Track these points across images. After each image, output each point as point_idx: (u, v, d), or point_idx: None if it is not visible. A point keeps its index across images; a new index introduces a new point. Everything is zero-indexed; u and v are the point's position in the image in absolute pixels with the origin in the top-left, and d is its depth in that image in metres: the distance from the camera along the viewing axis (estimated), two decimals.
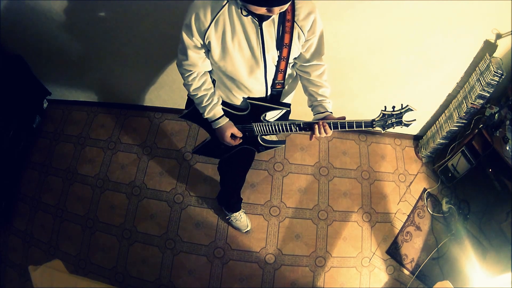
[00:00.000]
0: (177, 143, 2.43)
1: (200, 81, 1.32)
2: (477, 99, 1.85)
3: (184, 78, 1.33)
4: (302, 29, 1.16)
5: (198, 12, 1.11)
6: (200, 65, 1.27)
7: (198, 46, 1.20)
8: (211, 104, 1.36)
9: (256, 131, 1.44)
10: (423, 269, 2.10)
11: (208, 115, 1.39)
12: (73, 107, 2.64)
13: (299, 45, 1.21)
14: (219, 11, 1.11)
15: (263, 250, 2.11)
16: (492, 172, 1.97)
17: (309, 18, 1.15)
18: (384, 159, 2.43)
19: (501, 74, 1.71)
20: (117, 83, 2.38)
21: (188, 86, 1.34)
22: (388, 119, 1.19)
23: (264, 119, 1.40)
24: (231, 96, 1.40)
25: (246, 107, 1.40)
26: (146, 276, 2.06)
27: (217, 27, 1.13)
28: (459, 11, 1.56)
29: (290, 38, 1.17)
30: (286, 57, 1.22)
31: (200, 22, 1.12)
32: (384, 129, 1.22)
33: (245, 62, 1.22)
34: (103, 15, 1.78)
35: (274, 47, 1.19)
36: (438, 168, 2.30)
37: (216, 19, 1.12)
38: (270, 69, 1.26)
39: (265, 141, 1.52)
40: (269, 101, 1.38)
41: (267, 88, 1.33)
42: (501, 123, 1.87)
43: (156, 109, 2.54)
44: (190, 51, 1.21)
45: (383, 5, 1.55)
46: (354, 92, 2.12)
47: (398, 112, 1.17)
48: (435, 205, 2.30)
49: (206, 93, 1.35)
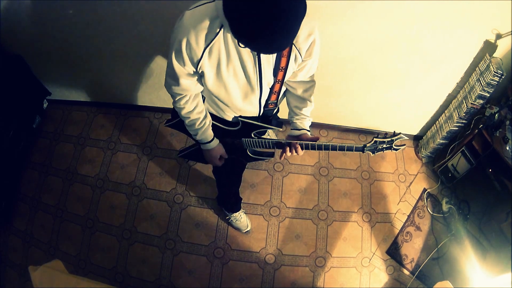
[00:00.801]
0: (177, 143, 2.43)
1: (192, 104, 1.24)
2: (477, 99, 1.85)
3: (175, 100, 1.23)
4: (299, 51, 1.10)
5: (189, 38, 0.99)
6: (193, 89, 1.19)
7: (191, 73, 1.11)
8: (203, 128, 1.31)
9: (246, 145, 1.41)
10: (423, 269, 2.10)
11: (199, 138, 1.34)
12: (73, 107, 2.64)
13: (294, 67, 1.16)
14: (213, 38, 1.00)
15: (263, 250, 2.11)
16: (492, 172, 1.97)
17: (308, 39, 1.07)
18: (384, 159, 2.43)
19: (501, 74, 1.71)
20: (117, 83, 2.38)
21: (180, 110, 1.25)
22: (379, 145, 1.19)
23: (254, 135, 1.37)
24: (222, 114, 1.36)
25: (237, 123, 1.37)
26: (146, 276, 2.06)
27: (211, 55, 1.04)
28: (459, 11, 1.56)
29: (287, 62, 1.11)
30: (281, 80, 1.17)
31: (192, 50, 1.02)
32: (374, 153, 1.22)
33: (239, 88, 1.17)
34: (103, 15, 1.78)
35: (271, 74, 1.13)
36: (438, 168, 2.30)
37: (210, 47, 1.01)
38: (264, 93, 1.22)
39: (254, 153, 1.49)
40: (261, 119, 1.36)
41: (260, 108, 1.30)
42: (501, 123, 1.87)
43: (156, 109, 2.54)
44: (182, 79, 1.12)
45: (383, 5, 1.55)
46: (354, 92, 2.12)
47: (389, 139, 1.17)
48: (435, 205, 2.30)
49: (199, 117, 1.28)
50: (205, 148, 1.40)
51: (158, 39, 1.88)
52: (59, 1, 1.74)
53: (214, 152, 1.42)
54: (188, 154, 1.65)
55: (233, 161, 1.55)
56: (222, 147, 1.43)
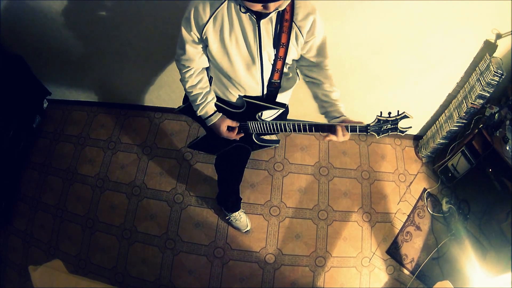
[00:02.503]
0: (177, 143, 2.43)
1: (196, 79, 1.34)
2: (477, 99, 1.85)
3: (181, 73, 1.34)
4: (300, 30, 1.16)
5: (198, 6, 1.13)
6: (197, 60, 1.28)
7: (196, 40, 1.21)
8: (204, 102, 1.37)
9: (251, 129, 1.43)
10: (423, 269, 2.10)
11: (200, 113, 1.39)
12: (73, 107, 2.64)
13: (297, 47, 1.21)
14: (218, 7, 1.12)
15: (263, 250, 2.11)
16: (492, 172, 1.97)
17: (308, 19, 1.14)
18: (384, 159, 2.43)
19: (501, 74, 1.71)
20: (117, 83, 2.38)
21: (184, 83, 1.36)
22: (383, 125, 1.17)
23: (259, 118, 1.40)
24: (227, 93, 1.39)
25: (242, 105, 1.40)
26: (146, 276, 2.06)
27: (215, 22, 1.14)
28: (459, 11, 1.56)
29: (288, 38, 1.17)
30: (283, 56, 1.22)
31: (199, 16, 1.14)
32: (379, 134, 1.20)
33: (241, 58, 1.22)
34: (103, 15, 1.78)
35: (271, 45, 1.19)
36: (438, 168, 2.30)
37: (215, 15, 1.13)
38: (266, 68, 1.25)
39: (260, 140, 1.52)
40: (265, 100, 1.37)
41: (263, 87, 1.32)
42: (501, 123, 1.87)
43: (156, 109, 2.54)
44: (188, 45, 1.22)
45: (383, 5, 1.55)
46: (354, 92, 2.11)
47: (393, 118, 1.15)
48: (435, 205, 2.30)
49: (201, 92, 1.36)
50: (208, 123, 1.42)
51: (158, 39, 1.88)
52: (59, 1, 1.74)
53: (218, 124, 1.42)
54: (196, 143, 1.69)
55: (236, 151, 1.57)
56: (226, 118, 1.42)
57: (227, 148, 1.58)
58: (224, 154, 1.63)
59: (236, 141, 1.52)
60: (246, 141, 1.53)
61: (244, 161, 1.71)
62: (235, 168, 1.73)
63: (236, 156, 1.62)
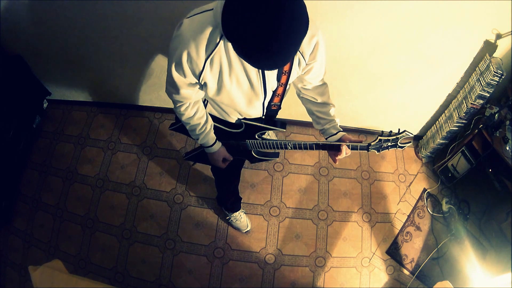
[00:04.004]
0: (177, 143, 2.43)
1: (192, 110, 1.23)
2: (477, 99, 1.85)
3: (175, 106, 1.22)
4: (303, 55, 1.07)
5: (190, 50, 0.97)
6: (194, 96, 1.17)
7: (192, 83, 1.09)
8: (204, 132, 1.31)
9: (250, 147, 1.42)
10: (423, 269, 2.10)
11: (201, 142, 1.35)
12: (73, 107, 2.64)
13: (298, 70, 1.14)
14: (214, 49, 0.97)
15: (263, 250, 2.11)
16: (492, 172, 1.97)
17: (311, 42, 1.05)
18: (384, 159, 2.43)
19: (501, 74, 1.71)
20: (117, 83, 2.38)
21: (180, 115, 1.25)
22: (384, 143, 1.16)
23: (259, 136, 1.38)
24: (225, 116, 1.35)
25: (240, 125, 1.38)
26: (146, 276, 2.06)
27: (212, 65, 1.01)
28: (459, 11, 1.56)
29: (290, 66, 1.09)
30: (284, 83, 1.16)
31: (193, 62, 0.99)
32: (379, 151, 1.19)
33: (243, 95, 1.16)
34: (103, 15, 1.78)
35: (274, 79, 1.12)
36: (438, 168, 2.30)
37: (211, 58, 0.99)
38: (268, 96, 1.21)
39: (259, 154, 1.50)
40: (265, 121, 1.35)
41: (264, 110, 1.30)
42: (501, 123, 1.87)
43: (156, 109, 2.54)
44: (183, 89, 1.10)
45: (383, 5, 1.54)
46: (353, 92, 2.11)
47: (394, 137, 1.13)
48: (435, 205, 2.30)
49: (199, 122, 1.28)
50: (208, 151, 1.41)
51: (158, 39, 1.87)
52: (59, 1, 1.74)
53: (217, 155, 1.42)
54: (193, 156, 1.66)
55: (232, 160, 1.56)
56: (225, 150, 1.43)
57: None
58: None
59: (234, 156, 1.50)
60: (246, 155, 1.51)
61: (240, 165, 1.70)
62: (230, 173, 1.73)
63: (233, 161, 1.60)
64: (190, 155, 1.67)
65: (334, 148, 1.21)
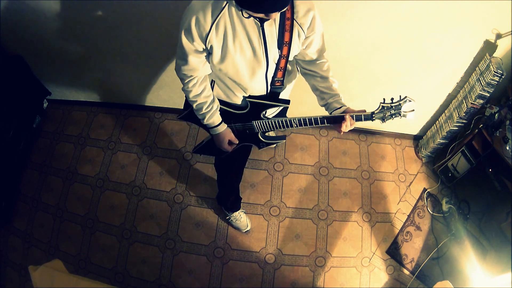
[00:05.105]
0: (177, 143, 2.43)
1: (200, 88, 1.30)
2: (477, 99, 1.85)
3: (184, 83, 1.31)
4: (301, 27, 1.16)
5: (198, 15, 1.08)
6: (201, 69, 1.25)
7: (200, 50, 1.18)
8: (210, 111, 1.35)
9: (257, 128, 1.44)
10: (423, 269, 2.10)
11: (207, 122, 1.38)
12: (73, 107, 2.64)
13: (299, 43, 1.22)
14: (219, 13, 1.08)
15: (263, 250, 2.11)
16: (492, 172, 1.97)
17: (308, 15, 1.15)
18: (384, 159, 2.43)
19: (501, 74, 1.71)
20: (117, 83, 2.38)
21: (188, 92, 1.32)
22: (387, 111, 1.20)
23: (264, 116, 1.41)
24: (231, 96, 1.39)
25: (246, 106, 1.40)
26: (146, 276, 2.06)
27: (218, 29, 1.11)
28: (459, 11, 1.56)
29: (290, 36, 1.17)
30: (286, 55, 1.22)
31: (200, 26, 1.10)
32: (384, 120, 1.23)
33: (246, 63, 1.22)
34: (103, 15, 1.78)
35: (275, 46, 1.19)
36: (438, 168, 2.30)
37: (216, 22, 1.09)
38: (270, 68, 1.26)
39: (266, 137, 1.53)
40: (269, 98, 1.38)
41: (267, 86, 1.33)
42: (501, 123, 1.87)
43: (156, 109, 2.54)
44: (191, 56, 1.18)
45: (383, 5, 1.55)
46: (353, 92, 2.11)
47: (396, 103, 1.19)
48: (435, 205, 2.30)
49: (206, 100, 1.33)
50: (213, 132, 1.43)
51: (158, 39, 1.88)
52: (59, 1, 1.74)
53: (222, 136, 1.44)
54: (201, 148, 1.69)
55: (238, 150, 1.57)
56: (230, 132, 1.46)
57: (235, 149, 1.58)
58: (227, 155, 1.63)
59: (242, 141, 1.52)
60: (253, 140, 1.53)
61: (244, 159, 1.72)
62: (236, 167, 1.74)
63: (237, 155, 1.62)
64: (198, 147, 1.69)
65: (338, 120, 1.24)
